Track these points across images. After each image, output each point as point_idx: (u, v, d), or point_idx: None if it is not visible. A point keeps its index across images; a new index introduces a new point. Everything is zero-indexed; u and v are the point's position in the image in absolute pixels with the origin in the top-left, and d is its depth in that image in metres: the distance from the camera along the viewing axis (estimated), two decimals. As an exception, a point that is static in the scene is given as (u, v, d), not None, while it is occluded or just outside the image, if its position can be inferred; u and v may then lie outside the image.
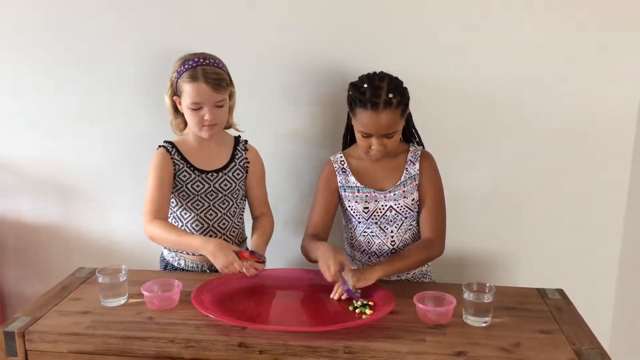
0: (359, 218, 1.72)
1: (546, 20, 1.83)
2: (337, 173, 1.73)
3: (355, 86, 1.62)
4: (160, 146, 1.72)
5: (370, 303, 1.46)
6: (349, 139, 1.80)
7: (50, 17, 2.00)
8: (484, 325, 1.38)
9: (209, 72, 1.61)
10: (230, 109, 1.74)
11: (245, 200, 1.83)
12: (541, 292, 1.57)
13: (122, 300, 1.49)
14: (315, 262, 1.58)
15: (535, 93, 1.89)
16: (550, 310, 1.47)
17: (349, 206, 1.73)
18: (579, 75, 1.86)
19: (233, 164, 1.76)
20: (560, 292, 1.58)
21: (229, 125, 1.78)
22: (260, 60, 1.95)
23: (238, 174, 1.76)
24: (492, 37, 1.86)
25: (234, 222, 1.77)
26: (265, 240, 1.75)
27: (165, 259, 1.82)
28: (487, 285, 1.40)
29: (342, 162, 1.73)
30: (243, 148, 1.79)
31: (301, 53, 1.93)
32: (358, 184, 1.70)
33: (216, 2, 1.92)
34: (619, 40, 1.83)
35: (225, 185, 1.74)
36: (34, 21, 2.01)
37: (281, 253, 2.09)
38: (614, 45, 1.83)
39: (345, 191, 1.73)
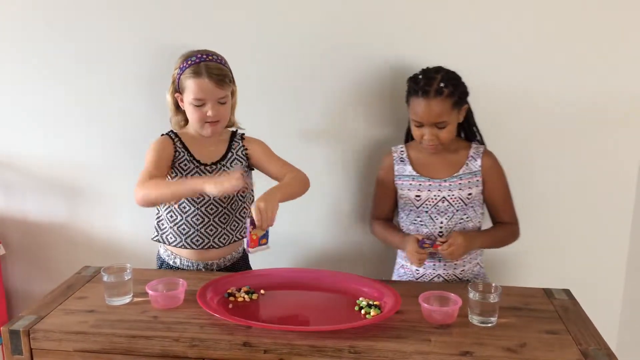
0: (410, 206, 1.75)
1: (554, 17, 1.82)
2: (395, 162, 1.77)
3: (412, 77, 1.68)
4: (163, 134, 1.74)
5: (376, 303, 1.45)
6: (410, 134, 1.80)
7: (54, 16, 2.01)
8: (489, 325, 1.37)
9: (212, 68, 1.62)
10: (232, 108, 1.74)
11: (251, 192, 1.79)
12: (547, 292, 1.57)
13: (127, 299, 1.49)
14: (393, 246, 1.80)
15: (539, 91, 1.88)
16: (557, 311, 1.46)
17: (402, 194, 1.75)
18: (584, 72, 1.85)
19: (230, 154, 1.74)
20: (567, 292, 1.57)
21: (231, 124, 1.78)
22: (267, 58, 1.95)
23: (237, 164, 1.74)
24: (496, 35, 1.85)
25: (235, 216, 1.76)
26: (280, 187, 1.61)
27: (161, 257, 1.82)
28: (493, 285, 1.40)
29: (402, 152, 1.77)
30: (239, 138, 1.77)
31: (310, 50, 1.93)
32: (414, 173, 1.73)
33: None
34: (628, 35, 1.82)
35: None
36: (38, 21, 2.02)
37: (288, 252, 2.09)
38: (623, 41, 1.82)
39: (400, 179, 1.76)
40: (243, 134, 1.80)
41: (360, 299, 1.48)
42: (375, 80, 1.94)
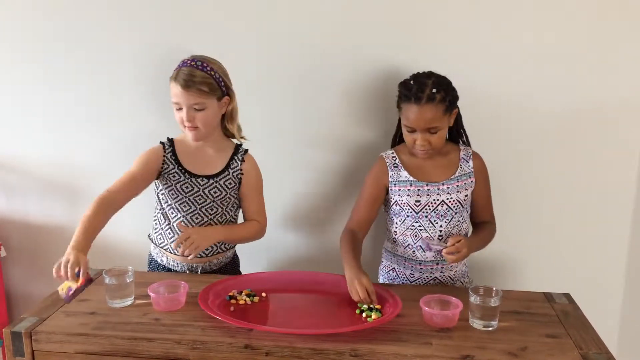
0: (408, 212, 1.72)
1: (550, 19, 1.83)
2: (389, 168, 1.73)
3: (403, 83, 1.67)
4: (160, 142, 1.74)
5: (377, 306, 1.45)
6: (398, 139, 1.81)
7: (54, 17, 2.01)
8: (490, 329, 1.37)
9: (187, 74, 1.61)
10: (229, 117, 1.73)
11: (239, 209, 1.82)
12: (548, 296, 1.57)
13: (128, 302, 1.50)
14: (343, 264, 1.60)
15: (540, 95, 1.88)
16: (557, 315, 1.46)
17: (399, 200, 1.72)
18: (582, 74, 1.85)
19: (226, 172, 1.73)
20: (567, 296, 1.58)
21: (232, 134, 1.76)
22: (265, 60, 1.96)
23: (230, 184, 1.74)
24: (496, 37, 1.86)
25: None
26: (232, 228, 1.76)
27: (151, 254, 1.84)
28: (494, 289, 1.40)
29: (394, 158, 1.74)
30: (240, 158, 1.75)
31: (307, 54, 1.94)
32: (411, 178, 1.71)
33: (223, 2, 1.92)
34: (624, 38, 1.82)
35: (215, 192, 1.72)
36: (38, 21, 2.03)
37: (286, 255, 2.09)
38: (619, 44, 1.83)
39: (395, 186, 1.72)
40: (246, 151, 1.77)
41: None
42: (364, 85, 1.93)
